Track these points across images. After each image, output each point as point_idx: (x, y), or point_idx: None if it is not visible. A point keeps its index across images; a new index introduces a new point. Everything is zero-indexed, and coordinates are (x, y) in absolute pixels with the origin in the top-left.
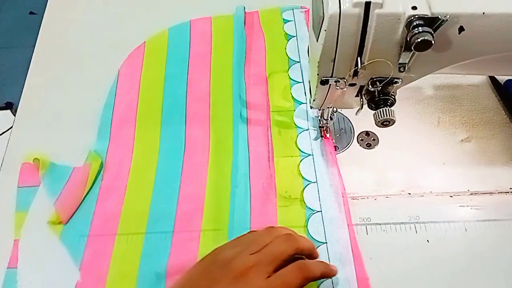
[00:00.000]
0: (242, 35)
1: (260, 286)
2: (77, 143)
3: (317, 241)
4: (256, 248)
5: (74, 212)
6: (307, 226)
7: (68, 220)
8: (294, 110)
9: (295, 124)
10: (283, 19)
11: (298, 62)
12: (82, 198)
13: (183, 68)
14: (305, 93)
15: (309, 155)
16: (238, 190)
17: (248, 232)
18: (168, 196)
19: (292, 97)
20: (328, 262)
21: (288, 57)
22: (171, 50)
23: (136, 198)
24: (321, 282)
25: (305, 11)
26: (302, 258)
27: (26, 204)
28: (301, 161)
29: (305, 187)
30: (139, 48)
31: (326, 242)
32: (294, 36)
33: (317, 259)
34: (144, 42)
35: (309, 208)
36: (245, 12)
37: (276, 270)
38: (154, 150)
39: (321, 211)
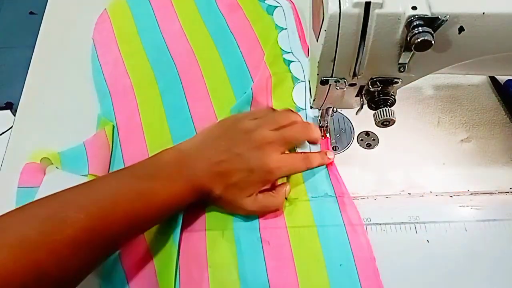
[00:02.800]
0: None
1: (274, 160)
2: (77, 143)
3: None
4: (274, 126)
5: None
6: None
7: None
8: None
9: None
10: None
11: (285, 28)
12: (110, 158)
13: (151, 19)
14: (290, 49)
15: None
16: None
17: (266, 108)
18: (183, 121)
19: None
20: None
21: (276, 24)
22: (134, 8)
23: (156, 133)
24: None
25: None
26: None
27: None
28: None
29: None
30: (102, 15)
31: None
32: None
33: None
34: (105, 9)
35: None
36: None
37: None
38: (155, 90)
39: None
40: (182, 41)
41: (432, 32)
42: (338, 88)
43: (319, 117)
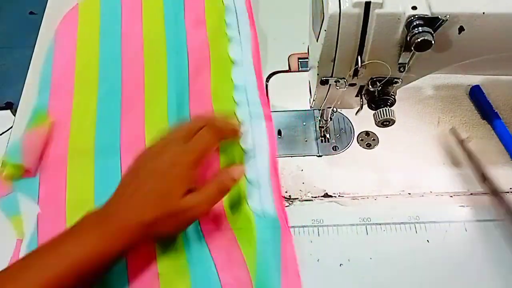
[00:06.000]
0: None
1: (179, 150)
2: None
3: None
4: (180, 143)
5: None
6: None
7: (36, 173)
8: (233, 64)
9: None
10: None
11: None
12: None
13: (117, 22)
14: (241, 47)
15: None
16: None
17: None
18: (111, 131)
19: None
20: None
21: (224, 4)
22: (104, 7)
23: (80, 137)
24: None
25: None
26: None
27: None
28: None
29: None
30: (72, 9)
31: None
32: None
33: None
34: (77, 3)
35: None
36: None
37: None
38: (93, 95)
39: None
40: (137, 49)
41: (432, 32)
42: (338, 88)
43: (319, 117)
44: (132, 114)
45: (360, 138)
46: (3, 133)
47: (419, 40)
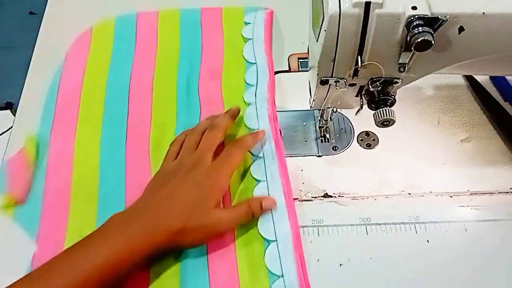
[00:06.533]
0: (196, 31)
1: (209, 167)
2: None
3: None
4: (192, 148)
5: (29, 191)
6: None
7: (25, 199)
8: (245, 111)
9: (246, 126)
10: (245, 22)
11: (255, 63)
12: (32, 177)
13: (129, 57)
14: (255, 94)
15: (260, 157)
16: None
17: (172, 145)
18: (116, 176)
19: (244, 100)
20: (253, 136)
21: (246, 59)
22: (117, 40)
23: (84, 176)
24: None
25: (267, 13)
26: None
27: None
28: (252, 162)
29: (255, 186)
30: (85, 33)
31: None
32: (250, 39)
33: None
34: (91, 27)
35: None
36: (205, 8)
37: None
38: (97, 133)
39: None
40: (146, 89)
41: (432, 32)
42: (338, 88)
43: (319, 117)
44: (138, 159)
45: (360, 138)
46: (3, 133)
47: (419, 40)
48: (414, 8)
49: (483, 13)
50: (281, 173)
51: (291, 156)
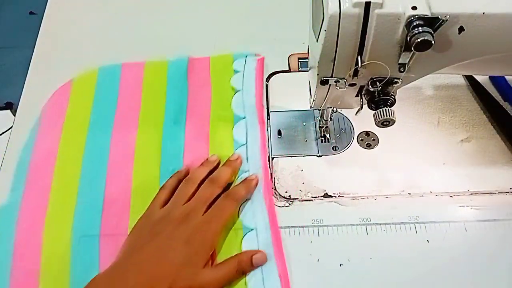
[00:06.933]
0: (182, 84)
1: (200, 221)
2: None
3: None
4: (184, 199)
5: None
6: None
7: None
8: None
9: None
10: (234, 70)
11: (244, 118)
12: None
13: (110, 115)
14: (247, 158)
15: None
16: None
17: (161, 190)
18: (88, 252)
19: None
20: (247, 180)
21: (234, 112)
22: (98, 94)
23: (54, 256)
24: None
25: (258, 60)
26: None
27: None
28: (244, 234)
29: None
30: (64, 87)
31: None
32: (239, 90)
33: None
34: (70, 80)
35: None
36: (192, 58)
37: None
38: (71, 202)
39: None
40: (127, 154)
41: (432, 32)
42: (338, 88)
43: (319, 117)
44: (114, 236)
45: (360, 138)
46: (3, 133)
47: (419, 40)
48: (414, 8)
49: (483, 13)
50: (271, 220)
51: (291, 156)
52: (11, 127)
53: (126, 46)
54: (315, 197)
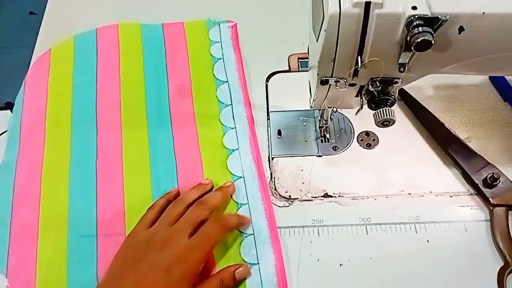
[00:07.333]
0: (158, 46)
1: (185, 245)
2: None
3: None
4: (171, 220)
5: None
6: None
7: None
8: (224, 135)
9: (224, 145)
10: (210, 39)
11: (226, 81)
12: None
13: (91, 76)
14: (233, 117)
15: (240, 177)
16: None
17: (148, 211)
18: (86, 201)
19: (221, 122)
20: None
21: (216, 77)
22: (78, 58)
23: (53, 204)
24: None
25: (232, 26)
26: None
27: None
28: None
29: (238, 209)
30: (44, 55)
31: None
32: (221, 59)
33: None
34: (50, 49)
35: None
36: (166, 23)
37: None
38: (65, 157)
39: (253, 234)
40: (113, 110)
41: (432, 32)
42: (338, 88)
43: (319, 117)
44: (109, 182)
45: (360, 138)
46: (3, 133)
47: (419, 40)
48: (414, 8)
49: (483, 13)
50: (270, 225)
51: (291, 156)
52: None
53: None
54: (315, 197)
